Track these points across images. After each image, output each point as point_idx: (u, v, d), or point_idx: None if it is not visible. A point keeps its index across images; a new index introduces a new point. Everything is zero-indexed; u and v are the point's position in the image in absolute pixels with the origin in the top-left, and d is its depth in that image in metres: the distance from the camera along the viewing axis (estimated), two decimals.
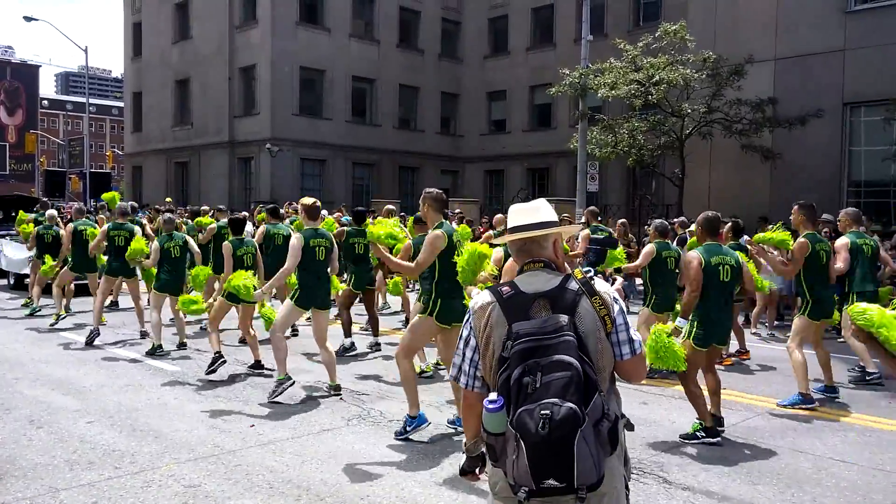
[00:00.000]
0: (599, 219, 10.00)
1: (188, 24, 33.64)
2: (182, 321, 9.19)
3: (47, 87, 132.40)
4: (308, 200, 7.03)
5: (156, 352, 8.54)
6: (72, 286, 11.14)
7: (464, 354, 2.36)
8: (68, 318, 10.93)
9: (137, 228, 10.02)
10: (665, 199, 23.47)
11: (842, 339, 9.12)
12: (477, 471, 2.48)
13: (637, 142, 19.34)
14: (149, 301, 9.42)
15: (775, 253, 7.42)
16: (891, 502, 4.49)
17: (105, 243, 9.68)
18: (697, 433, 5.58)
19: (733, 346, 8.99)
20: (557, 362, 2.10)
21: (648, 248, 7.79)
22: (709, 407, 5.69)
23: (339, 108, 31.53)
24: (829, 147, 18.60)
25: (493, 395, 2.15)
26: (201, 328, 10.09)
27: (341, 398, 6.71)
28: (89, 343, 9.10)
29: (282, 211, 11.32)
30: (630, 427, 2.36)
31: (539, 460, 2.05)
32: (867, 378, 7.58)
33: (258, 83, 30.32)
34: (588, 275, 2.33)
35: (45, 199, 14.02)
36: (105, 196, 11.40)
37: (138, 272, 9.98)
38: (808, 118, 17.48)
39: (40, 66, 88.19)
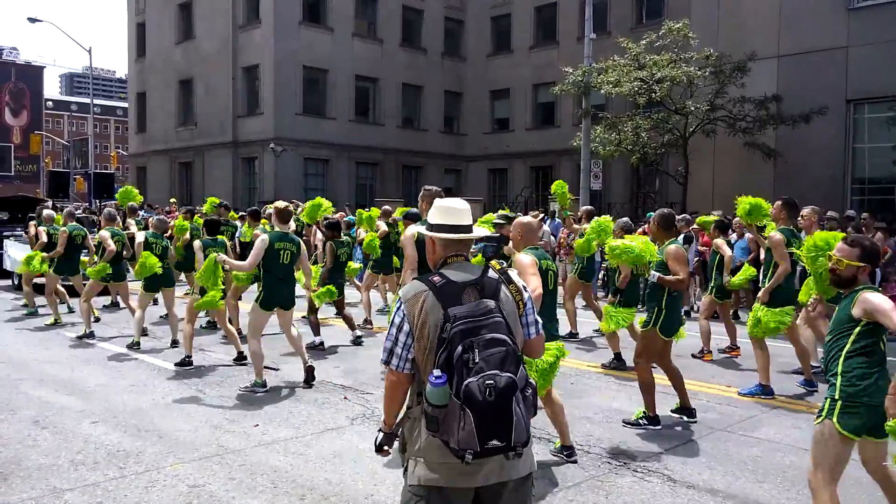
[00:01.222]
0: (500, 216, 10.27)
1: (192, 25, 33.68)
2: (176, 319, 9.22)
3: (52, 88, 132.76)
4: (280, 204, 7.29)
5: (135, 346, 8.80)
6: (60, 287, 11.32)
7: (396, 339, 2.55)
8: (65, 316, 11.04)
9: (140, 235, 9.94)
10: (669, 196, 23.43)
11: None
12: (386, 447, 2.70)
13: (640, 139, 19.32)
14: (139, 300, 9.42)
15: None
16: None
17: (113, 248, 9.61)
18: (640, 420, 5.89)
19: (725, 341, 9.02)
20: (492, 340, 2.38)
21: None
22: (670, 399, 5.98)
23: (342, 107, 31.54)
24: (833, 144, 18.54)
25: (437, 372, 2.36)
26: (202, 326, 10.05)
27: (346, 397, 6.73)
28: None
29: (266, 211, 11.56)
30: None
31: (485, 424, 2.31)
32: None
33: (261, 83, 30.35)
34: (504, 266, 2.65)
35: (49, 200, 14.02)
36: (118, 194, 11.31)
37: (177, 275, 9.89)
38: (811, 115, 17.42)
39: (45, 67, 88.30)
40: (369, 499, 4.37)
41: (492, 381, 2.31)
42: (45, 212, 12.15)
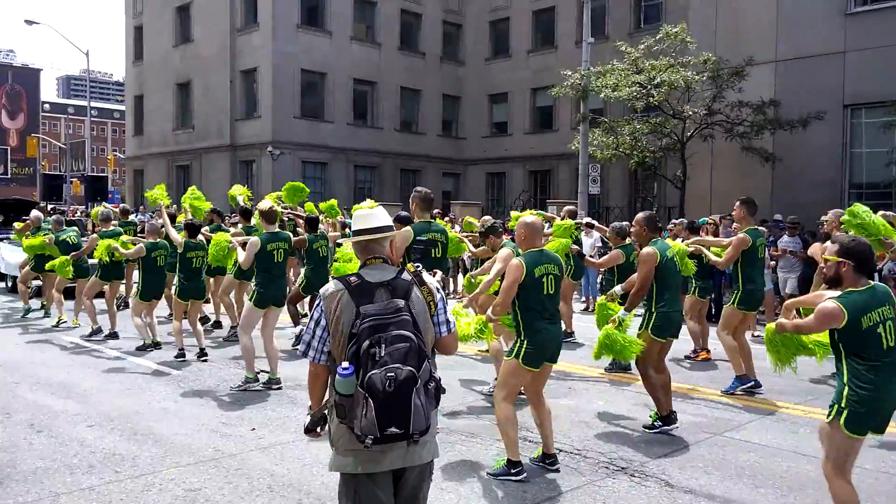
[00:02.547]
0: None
1: (189, 27, 33.67)
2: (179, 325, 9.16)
3: (49, 91, 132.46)
4: (264, 205, 7.42)
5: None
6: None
7: (314, 333, 2.80)
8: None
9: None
10: (667, 201, 23.45)
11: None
12: (318, 429, 2.90)
13: (639, 144, 19.33)
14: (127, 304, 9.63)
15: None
16: None
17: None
18: (655, 423, 5.89)
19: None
20: (398, 336, 2.60)
21: (615, 253, 7.94)
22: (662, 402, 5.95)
23: (340, 110, 31.54)
24: (830, 149, 18.56)
25: (345, 364, 2.58)
26: (225, 339, 9.90)
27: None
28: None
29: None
30: (442, 390, 2.80)
31: (384, 413, 2.54)
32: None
33: (259, 86, 30.34)
34: (418, 269, 2.88)
35: (42, 204, 14.03)
36: (147, 194, 11.06)
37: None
38: (809, 120, 17.46)
39: (42, 69, 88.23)
40: None
41: (392, 374, 2.53)
42: (33, 213, 12.06)
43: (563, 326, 9.36)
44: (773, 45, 19.21)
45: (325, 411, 2.85)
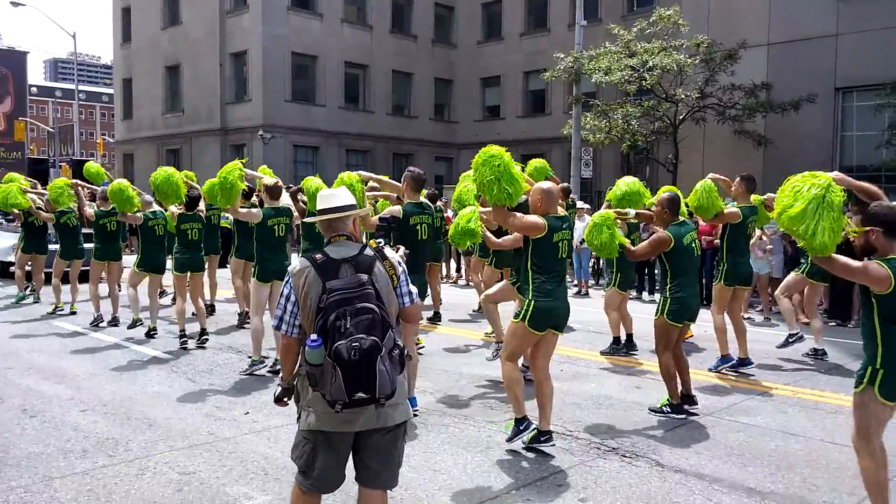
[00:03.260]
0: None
1: (178, 9, 33.26)
2: (156, 304, 9.24)
3: (36, 74, 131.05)
4: (269, 181, 7.47)
5: (135, 325, 9.12)
6: (42, 275, 11.61)
7: (286, 308, 3.01)
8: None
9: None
10: (659, 184, 23.44)
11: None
12: (286, 399, 3.10)
13: (631, 127, 19.32)
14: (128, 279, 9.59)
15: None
16: None
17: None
18: (664, 408, 5.90)
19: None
20: (362, 308, 2.80)
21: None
22: (680, 386, 5.95)
23: (331, 94, 31.34)
24: (822, 132, 18.63)
25: (313, 336, 2.80)
26: (240, 326, 9.72)
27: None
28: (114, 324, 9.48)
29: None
30: (409, 357, 3.07)
31: (351, 380, 2.76)
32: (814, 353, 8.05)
33: (250, 69, 30.08)
34: (380, 244, 3.09)
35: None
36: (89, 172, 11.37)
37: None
38: (800, 103, 17.49)
39: (28, 52, 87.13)
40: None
41: (357, 344, 2.74)
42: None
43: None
44: (765, 28, 19.20)
45: (295, 381, 3.06)
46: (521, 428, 4.96)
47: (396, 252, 3.42)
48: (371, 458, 3.03)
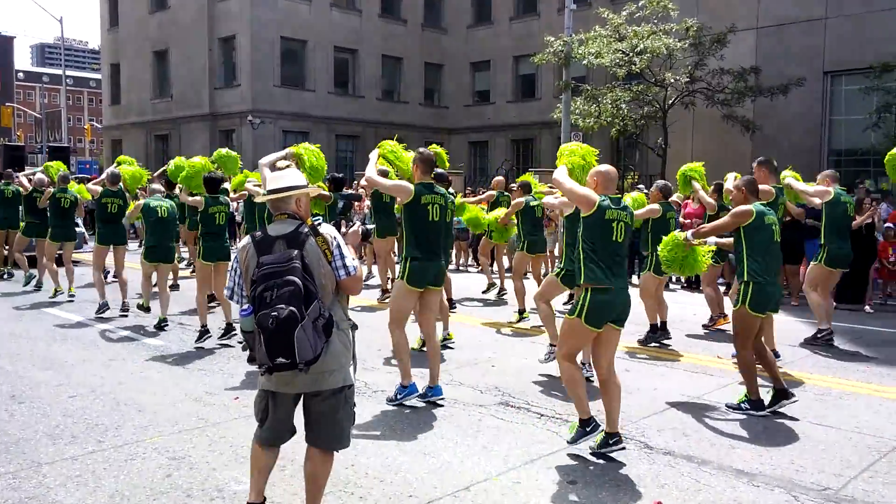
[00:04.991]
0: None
1: None
2: (158, 291, 9.09)
3: (22, 60, 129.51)
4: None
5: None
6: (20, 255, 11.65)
7: (234, 280, 3.39)
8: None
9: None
10: (648, 169, 23.52)
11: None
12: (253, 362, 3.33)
13: (620, 112, 19.31)
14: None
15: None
16: (866, 463, 4.59)
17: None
18: (742, 404, 5.60)
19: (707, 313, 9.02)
20: (286, 281, 3.05)
21: (654, 207, 7.99)
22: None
23: (321, 79, 31.14)
24: (810, 116, 18.68)
25: (245, 305, 3.20)
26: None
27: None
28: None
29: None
30: (355, 327, 3.39)
31: (271, 345, 3.04)
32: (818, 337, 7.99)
33: (238, 54, 29.83)
34: (316, 222, 3.30)
35: (8, 171, 13.74)
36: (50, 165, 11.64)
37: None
38: (789, 87, 17.51)
39: (14, 37, 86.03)
40: (350, 468, 4.40)
41: (275, 313, 2.98)
42: (60, 173, 11.25)
43: (517, 304, 9.17)
44: (754, 12, 19.18)
45: None
46: (588, 430, 4.65)
47: (350, 229, 3.77)
48: (312, 420, 3.35)
